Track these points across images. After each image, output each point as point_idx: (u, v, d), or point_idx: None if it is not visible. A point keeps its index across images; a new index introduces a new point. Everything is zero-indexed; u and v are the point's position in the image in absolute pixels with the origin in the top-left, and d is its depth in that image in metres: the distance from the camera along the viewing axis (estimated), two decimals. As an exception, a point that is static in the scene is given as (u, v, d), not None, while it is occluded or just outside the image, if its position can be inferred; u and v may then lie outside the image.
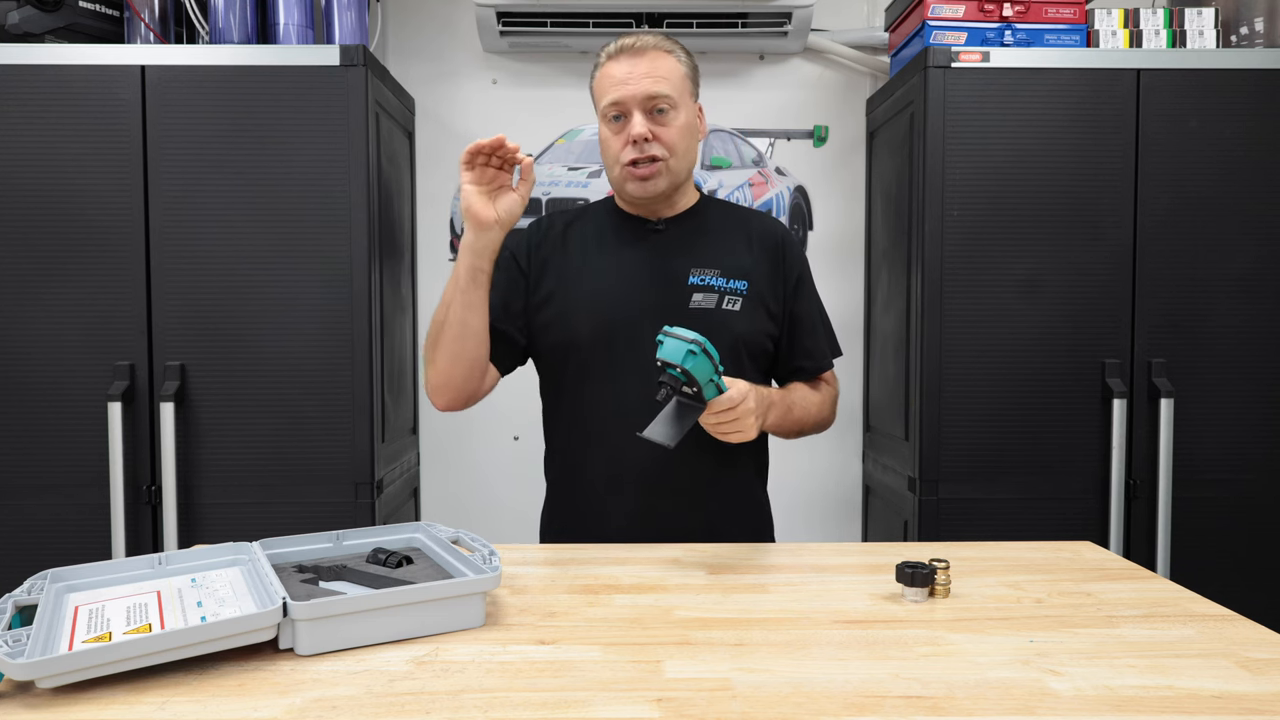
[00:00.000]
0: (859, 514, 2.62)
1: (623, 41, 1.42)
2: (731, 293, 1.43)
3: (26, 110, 1.97)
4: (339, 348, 2.00)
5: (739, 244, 1.48)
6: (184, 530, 1.99)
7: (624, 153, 1.40)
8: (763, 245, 1.49)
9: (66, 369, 1.98)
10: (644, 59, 1.40)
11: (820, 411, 1.51)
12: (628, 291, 1.42)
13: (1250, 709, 0.79)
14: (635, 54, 1.40)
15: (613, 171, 1.44)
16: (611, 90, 1.40)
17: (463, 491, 2.62)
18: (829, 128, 2.62)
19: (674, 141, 1.41)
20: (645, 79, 1.38)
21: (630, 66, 1.39)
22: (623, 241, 1.48)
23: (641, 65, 1.39)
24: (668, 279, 1.44)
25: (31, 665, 0.79)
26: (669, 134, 1.40)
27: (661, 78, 1.39)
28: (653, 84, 1.39)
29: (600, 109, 1.43)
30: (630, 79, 1.39)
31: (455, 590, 0.98)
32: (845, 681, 0.84)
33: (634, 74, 1.39)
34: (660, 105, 1.39)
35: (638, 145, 1.38)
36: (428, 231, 2.60)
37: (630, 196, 1.44)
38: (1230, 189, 2.05)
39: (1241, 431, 2.07)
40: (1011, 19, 2.10)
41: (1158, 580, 1.18)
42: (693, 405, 1.21)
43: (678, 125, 1.41)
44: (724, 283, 1.44)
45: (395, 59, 2.58)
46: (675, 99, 1.41)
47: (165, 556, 1.09)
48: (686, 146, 1.43)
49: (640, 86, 1.38)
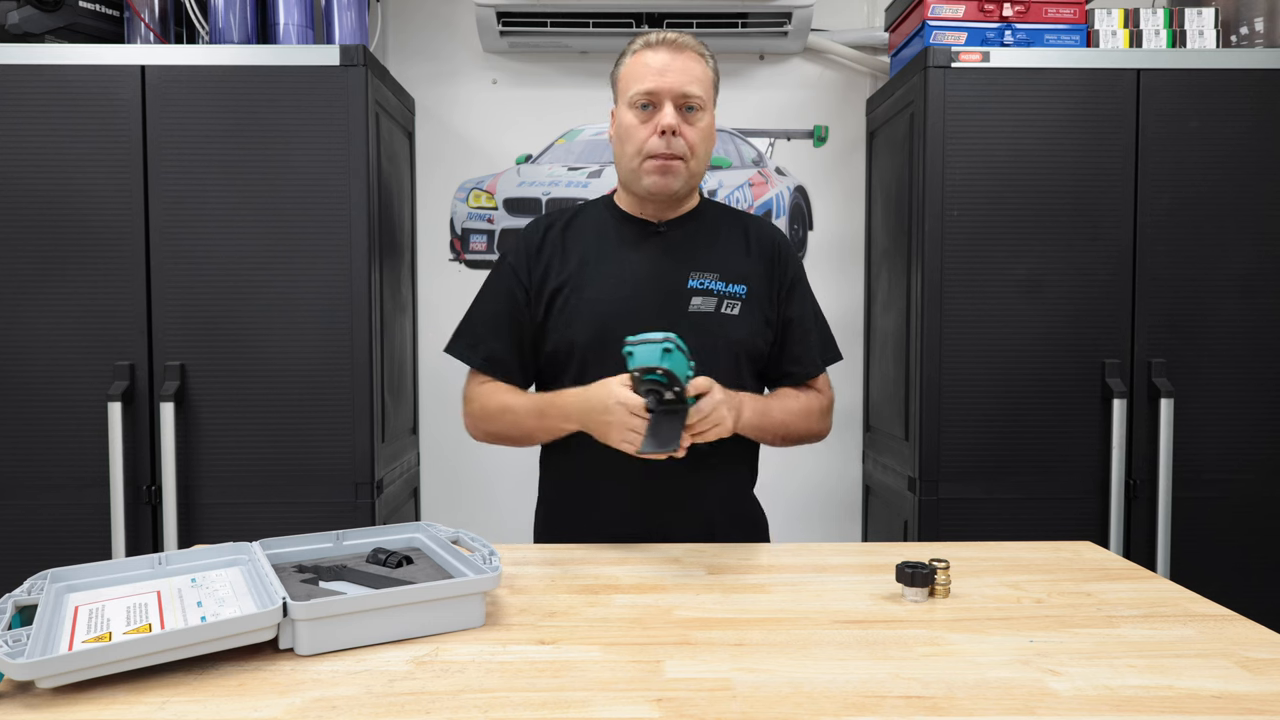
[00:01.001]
0: (859, 514, 2.62)
1: (665, 35, 1.42)
2: (731, 297, 1.43)
3: (26, 110, 1.97)
4: (339, 348, 2.00)
5: (738, 248, 1.48)
6: (184, 530, 1.99)
7: (650, 143, 1.39)
8: (760, 249, 1.49)
9: (66, 369, 1.98)
10: (682, 56, 1.40)
11: (807, 418, 1.48)
12: (628, 295, 1.42)
13: (1250, 709, 0.79)
14: (675, 49, 1.40)
15: (631, 162, 1.42)
16: (648, 78, 1.39)
17: (463, 491, 2.62)
18: (829, 128, 2.62)
19: (697, 143, 1.41)
20: (683, 74, 1.39)
21: (669, 59, 1.39)
22: (624, 243, 1.47)
23: (679, 61, 1.39)
24: (668, 282, 1.43)
25: (31, 665, 0.79)
26: (694, 134, 1.41)
27: (696, 78, 1.40)
28: (689, 82, 1.39)
29: (629, 96, 1.41)
30: (669, 71, 1.39)
31: (455, 590, 0.98)
32: (845, 681, 0.84)
33: (672, 67, 1.39)
34: (691, 104, 1.40)
35: (664, 138, 1.38)
36: (428, 231, 2.60)
37: (645, 190, 1.43)
38: (1230, 189, 2.05)
39: (1241, 431, 2.07)
40: (1011, 19, 2.10)
41: (1158, 580, 1.18)
42: (678, 408, 1.20)
43: (702, 127, 1.42)
44: (723, 286, 1.43)
45: (395, 59, 2.58)
46: (705, 101, 1.42)
47: (165, 556, 1.09)
48: (705, 151, 1.44)
49: (678, 80, 1.38)
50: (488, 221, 2.60)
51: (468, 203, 2.60)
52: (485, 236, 2.60)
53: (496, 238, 2.58)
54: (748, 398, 1.39)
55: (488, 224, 2.60)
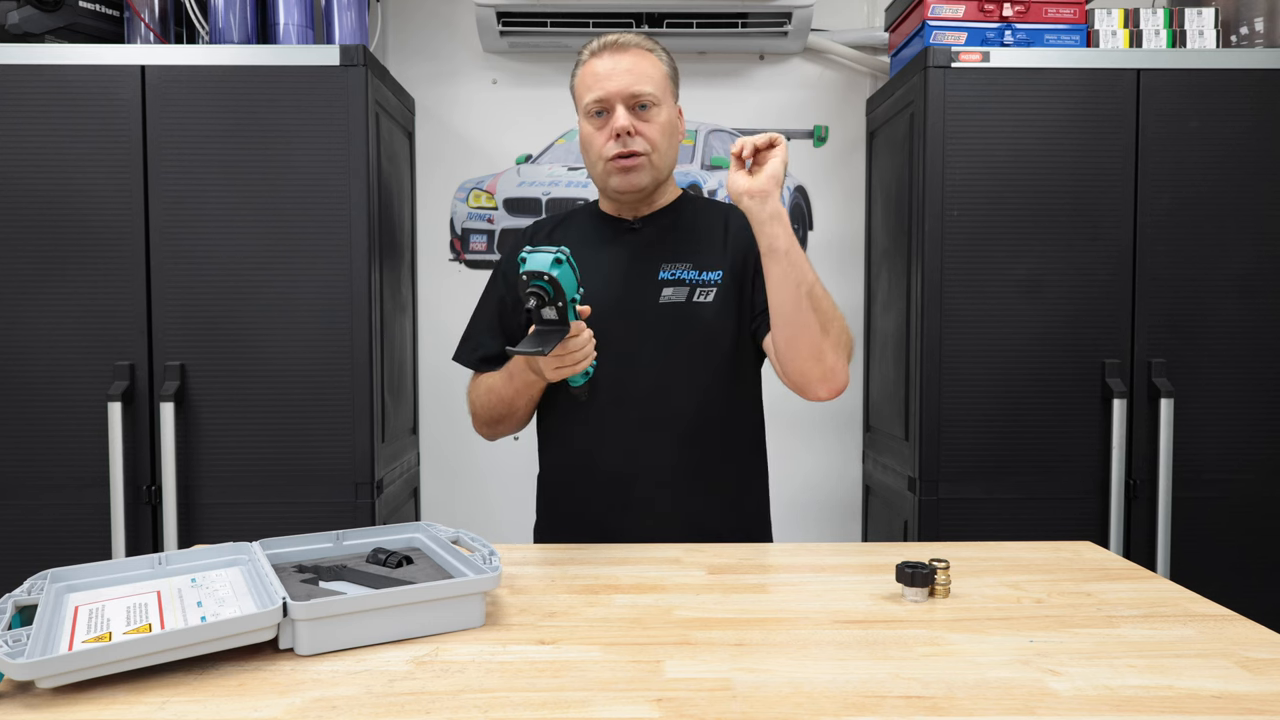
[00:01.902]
0: (859, 514, 2.62)
1: (605, 39, 1.43)
2: (704, 285, 1.43)
3: (26, 110, 1.96)
4: (339, 348, 2.00)
5: (715, 236, 1.48)
6: (184, 530, 1.99)
7: (607, 147, 1.40)
8: (737, 236, 1.47)
9: (66, 369, 1.98)
10: (626, 56, 1.40)
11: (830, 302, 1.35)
12: (598, 289, 1.41)
13: (1250, 709, 0.79)
14: (618, 50, 1.41)
15: (595, 168, 1.44)
16: (595, 86, 1.40)
17: (463, 491, 2.62)
18: (829, 128, 2.62)
19: (656, 138, 1.41)
20: (628, 75, 1.39)
21: (613, 63, 1.40)
22: (602, 241, 1.49)
23: (624, 62, 1.40)
24: (638, 276, 1.44)
25: (31, 665, 0.79)
26: (651, 130, 1.41)
27: (644, 75, 1.40)
28: (635, 81, 1.39)
29: (583, 106, 1.43)
30: (613, 75, 1.39)
31: (455, 590, 0.98)
32: (845, 681, 0.84)
33: (617, 70, 1.39)
34: (643, 101, 1.40)
35: (620, 139, 1.39)
36: (428, 231, 2.60)
37: (613, 191, 1.44)
38: (1230, 189, 2.05)
39: (1241, 431, 2.07)
40: (1011, 19, 2.10)
41: (1158, 580, 1.18)
42: (557, 328, 1.20)
43: (660, 122, 1.42)
44: (696, 275, 1.43)
45: (395, 59, 2.58)
46: (658, 96, 1.41)
47: (165, 556, 1.09)
48: (668, 144, 1.44)
49: (623, 82, 1.39)
50: (488, 221, 2.60)
51: (468, 203, 2.60)
52: (485, 236, 2.60)
53: (496, 238, 2.58)
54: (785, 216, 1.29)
55: (488, 224, 2.60)
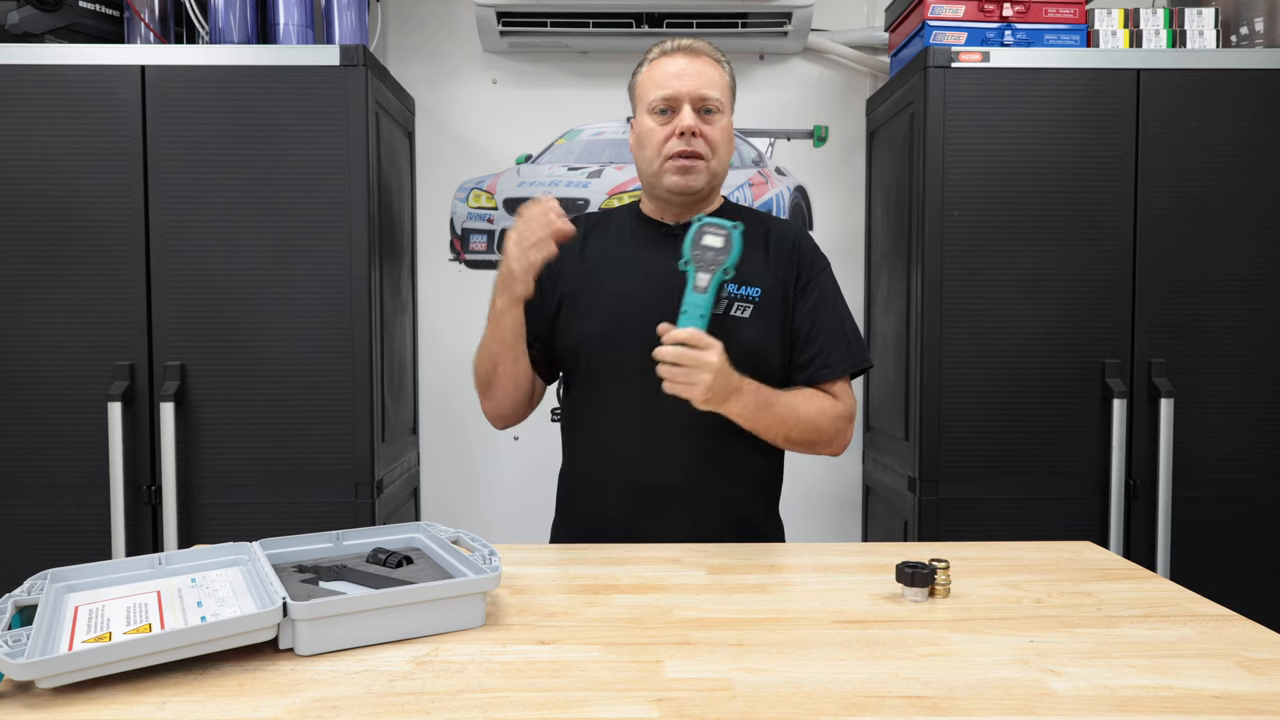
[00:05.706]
0: (859, 514, 2.62)
1: (679, 41, 1.45)
2: (741, 299, 1.42)
3: (26, 110, 1.96)
4: (339, 348, 2.00)
5: (756, 250, 1.45)
6: (184, 530, 1.99)
7: (669, 144, 1.41)
8: (779, 250, 1.47)
9: (66, 369, 1.98)
10: (699, 61, 1.43)
11: (817, 418, 1.39)
12: (635, 293, 1.42)
13: (1250, 709, 0.79)
14: (691, 54, 1.43)
15: (651, 165, 1.44)
16: (665, 84, 1.42)
17: (463, 491, 2.62)
18: (829, 128, 2.62)
19: (718, 142, 1.43)
20: (699, 78, 1.41)
21: (685, 64, 1.42)
22: (640, 245, 1.49)
23: (695, 65, 1.42)
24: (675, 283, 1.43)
25: (31, 665, 0.79)
26: (714, 134, 1.42)
27: (713, 81, 1.43)
28: (706, 84, 1.42)
29: (647, 102, 1.44)
30: (685, 75, 1.41)
31: (455, 590, 0.98)
32: (845, 681, 0.84)
33: (688, 71, 1.42)
34: (709, 106, 1.42)
35: (684, 138, 1.40)
36: (428, 231, 2.60)
37: (666, 189, 1.43)
38: (1230, 189, 2.05)
39: (1241, 431, 2.07)
40: (1011, 19, 2.10)
41: (1158, 580, 1.18)
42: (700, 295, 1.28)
43: (722, 127, 1.44)
44: (735, 289, 1.42)
45: (395, 59, 2.58)
46: (723, 103, 1.44)
47: (165, 556, 1.09)
48: (726, 151, 1.46)
49: (695, 84, 1.41)
50: (488, 221, 2.60)
51: (468, 203, 2.60)
52: (485, 236, 2.60)
53: (497, 238, 2.58)
54: (751, 384, 1.32)
55: (488, 224, 2.60)
